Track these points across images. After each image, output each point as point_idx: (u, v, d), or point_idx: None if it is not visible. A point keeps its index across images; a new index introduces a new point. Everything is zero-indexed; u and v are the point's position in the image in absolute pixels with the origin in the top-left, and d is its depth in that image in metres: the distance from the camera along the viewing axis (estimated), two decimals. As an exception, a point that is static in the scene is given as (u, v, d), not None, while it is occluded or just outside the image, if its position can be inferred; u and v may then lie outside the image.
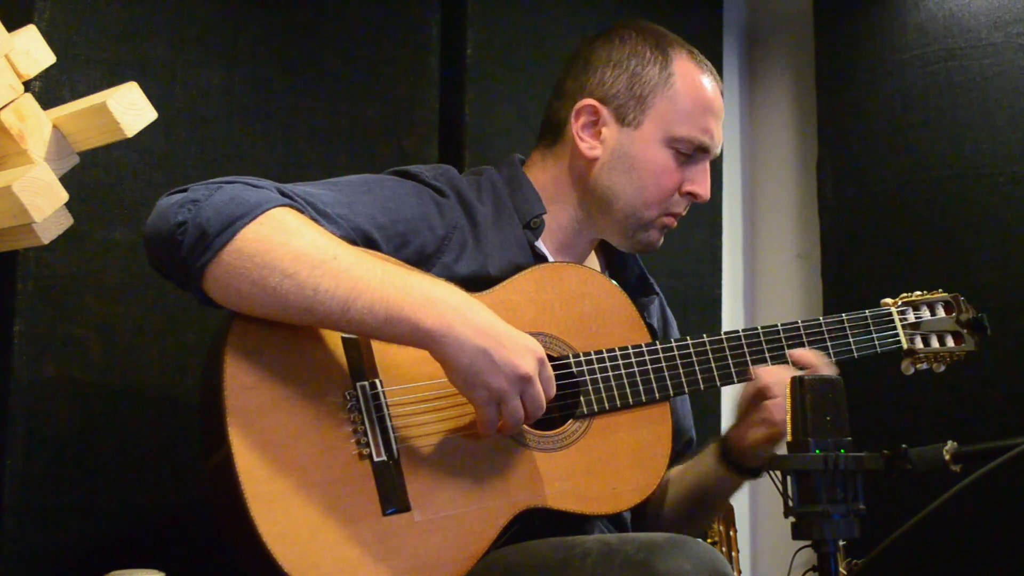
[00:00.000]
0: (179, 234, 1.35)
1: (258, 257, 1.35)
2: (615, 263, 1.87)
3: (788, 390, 1.21)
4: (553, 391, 1.47)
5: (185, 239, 1.35)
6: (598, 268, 1.84)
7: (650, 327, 1.74)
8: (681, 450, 1.88)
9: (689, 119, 1.70)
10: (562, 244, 1.76)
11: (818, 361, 1.67)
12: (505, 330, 1.42)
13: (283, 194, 1.44)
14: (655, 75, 1.71)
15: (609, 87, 1.71)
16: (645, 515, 1.79)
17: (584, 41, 1.80)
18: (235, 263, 1.35)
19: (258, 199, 1.39)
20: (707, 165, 1.74)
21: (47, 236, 1.41)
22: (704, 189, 1.73)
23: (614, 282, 1.74)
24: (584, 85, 1.73)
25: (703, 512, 1.84)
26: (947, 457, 1.40)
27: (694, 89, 1.72)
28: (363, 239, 1.52)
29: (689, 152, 1.71)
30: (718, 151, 1.75)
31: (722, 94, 1.76)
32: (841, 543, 1.41)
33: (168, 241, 1.36)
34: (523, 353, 1.41)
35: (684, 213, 1.76)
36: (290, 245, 1.36)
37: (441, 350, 1.39)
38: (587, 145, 1.71)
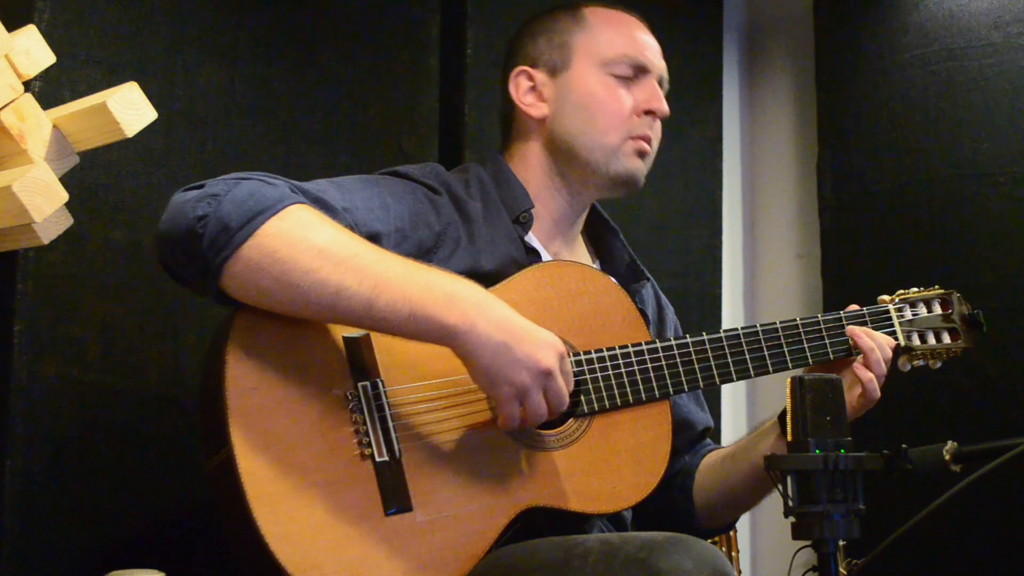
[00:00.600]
0: (200, 227, 1.34)
1: (280, 253, 1.35)
2: (604, 252, 1.87)
3: (788, 390, 1.22)
4: (572, 385, 1.47)
5: (206, 232, 1.34)
6: (588, 257, 1.85)
7: (643, 313, 1.74)
8: (694, 440, 1.88)
9: (613, 41, 1.75)
10: (551, 231, 1.77)
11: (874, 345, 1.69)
12: (525, 325, 1.42)
13: (295, 191, 1.44)
14: (569, 23, 1.78)
15: (532, 51, 1.78)
16: (695, 506, 1.80)
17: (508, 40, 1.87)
18: (256, 258, 1.35)
19: (277, 195, 1.39)
20: (655, 84, 1.76)
21: (47, 236, 1.41)
22: (660, 104, 1.75)
23: (612, 279, 1.75)
24: (513, 64, 1.80)
25: (756, 495, 1.79)
26: (947, 457, 1.41)
27: (610, 18, 1.78)
28: (366, 236, 1.51)
29: (628, 74, 1.74)
30: (663, 74, 1.78)
31: (649, 30, 1.80)
32: (841, 543, 1.41)
33: (187, 236, 1.35)
34: (544, 348, 1.41)
35: (653, 135, 1.76)
36: (311, 241, 1.36)
37: (463, 347, 1.39)
38: (533, 107, 1.76)
